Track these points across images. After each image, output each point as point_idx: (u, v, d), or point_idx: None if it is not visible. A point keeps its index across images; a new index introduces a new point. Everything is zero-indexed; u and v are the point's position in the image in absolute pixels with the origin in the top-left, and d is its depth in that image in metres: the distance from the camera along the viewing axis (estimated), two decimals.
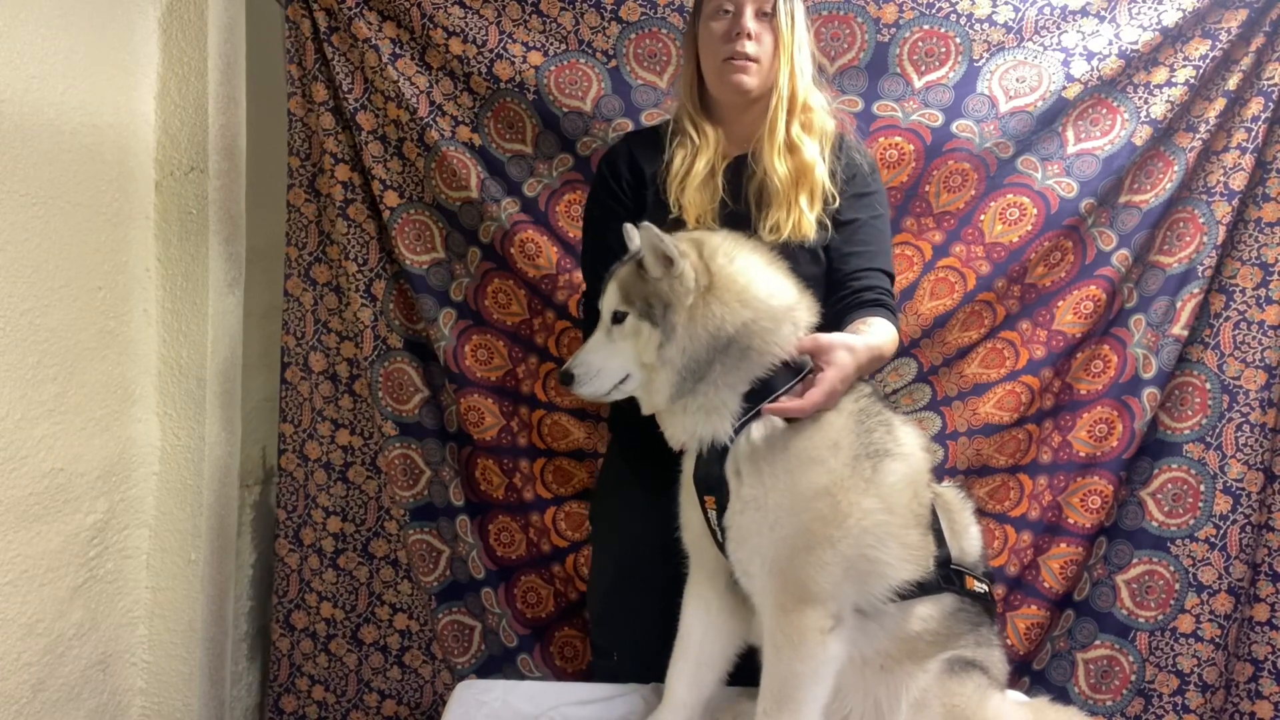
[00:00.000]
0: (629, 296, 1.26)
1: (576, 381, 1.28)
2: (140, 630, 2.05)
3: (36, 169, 1.64)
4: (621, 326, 1.27)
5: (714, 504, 1.24)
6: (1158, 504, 2.05)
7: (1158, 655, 2.04)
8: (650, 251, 1.23)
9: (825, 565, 1.16)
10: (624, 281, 1.28)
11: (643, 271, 1.26)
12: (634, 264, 1.28)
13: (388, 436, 2.15)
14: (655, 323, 1.23)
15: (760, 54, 1.61)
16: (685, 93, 1.71)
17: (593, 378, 1.27)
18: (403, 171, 2.11)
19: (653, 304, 1.24)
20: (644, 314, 1.24)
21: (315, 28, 2.05)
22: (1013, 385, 2.07)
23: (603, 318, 1.30)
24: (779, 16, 1.62)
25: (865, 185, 1.67)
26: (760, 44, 1.61)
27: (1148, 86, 1.99)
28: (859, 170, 1.67)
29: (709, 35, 1.64)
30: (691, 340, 1.21)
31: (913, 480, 1.27)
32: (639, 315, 1.25)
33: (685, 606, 1.34)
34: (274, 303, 2.21)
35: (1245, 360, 2.00)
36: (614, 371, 1.27)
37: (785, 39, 1.62)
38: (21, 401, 1.64)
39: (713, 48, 1.63)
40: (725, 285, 1.24)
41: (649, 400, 1.29)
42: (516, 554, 2.21)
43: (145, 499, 2.02)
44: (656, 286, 1.23)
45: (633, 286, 1.27)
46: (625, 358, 1.27)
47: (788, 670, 1.17)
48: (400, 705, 2.29)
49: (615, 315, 1.28)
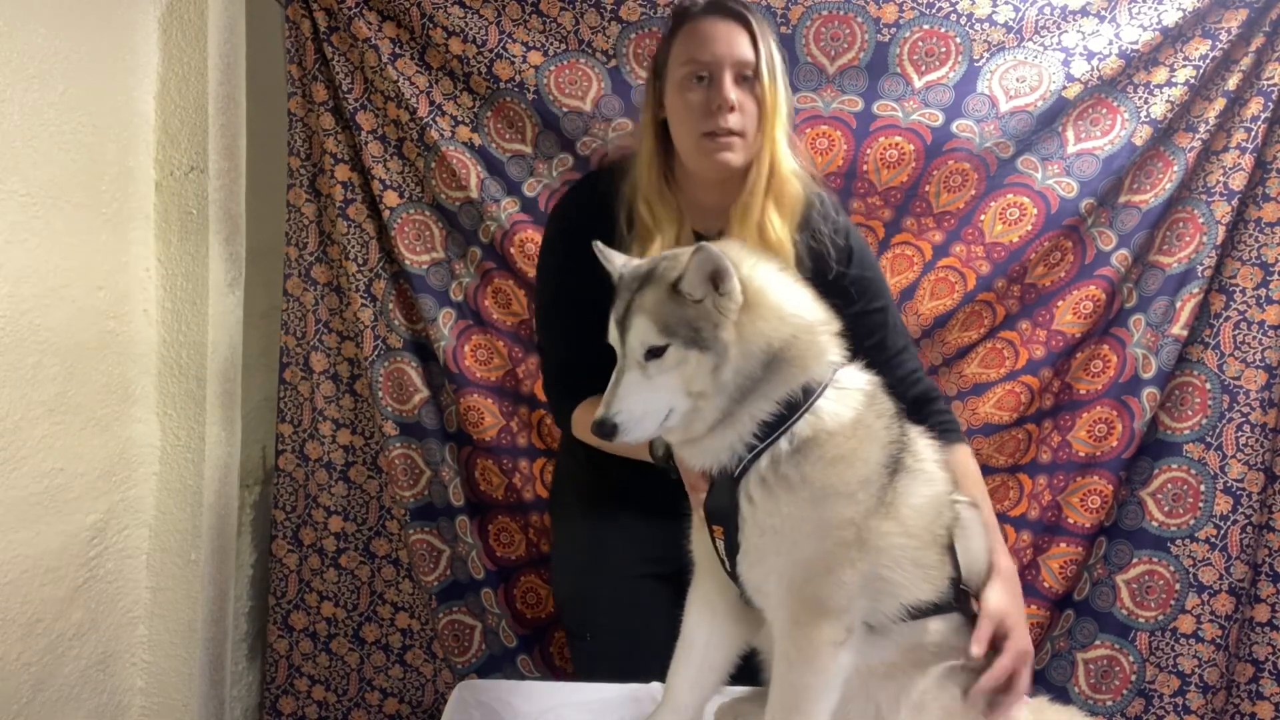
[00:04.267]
0: (668, 326, 1.14)
1: (621, 431, 1.13)
2: (140, 630, 2.05)
3: (36, 169, 1.65)
4: (660, 360, 1.14)
5: (722, 534, 1.19)
6: (1158, 504, 2.05)
7: (1158, 655, 2.04)
8: (700, 272, 1.13)
9: (844, 584, 1.15)
10: (658, 312, 1.15)
11: (681, 296, 1.15)
12: (667, 290, 1.16)
13: (388, 436, 2.15)
14: (705, 347, 1.13)
15: (745, 126, 1.46)
16: (644, 170, 1.53)
17: (638, 423, 1.14)
18: (402, 171, 2.11)
19: (700, 327, 1.13)
20: (691, 341, 1.13)
21: (315, 28, 2.05)
22: (1012, 385, 2.07)
23: (630, 357, 1.16)
24: (762, 78, 1.46)
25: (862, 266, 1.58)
26: (744, 113, 1.46)
27: (1148, 86, 1.99)
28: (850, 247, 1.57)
29: (683, 106, 1.47)
30: (746, 359, 1.13)
31: (935, 502, 1.25)
32: (684, 344, 1.13)
33: (689, 610, 1.33)
34: (274, 303, 2.21)
35: (1245, 360, 2.00)
36: (659, 411, 1.15)
37: (769, 106, 1.47)
38: (21, 401, 1.64)
39: (689, 122, 1.46)
40: (760, 298, 1.16)
41: (686, 431, 1.18)
42: (516, 554, 2.21)
43: (145, 499, 2.02)
44: (700, 308, 1.14)
45: (671, 314, 1.14)
46: (670, 391, 1.14)
47: (799, 682, 1.16)
48: (402, 704, 2.29)
49: (651, 351, 1.14)
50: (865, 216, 2.06)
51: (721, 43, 1.46)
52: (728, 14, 1.48)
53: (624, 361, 1.16)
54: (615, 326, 1.18)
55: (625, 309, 1.17)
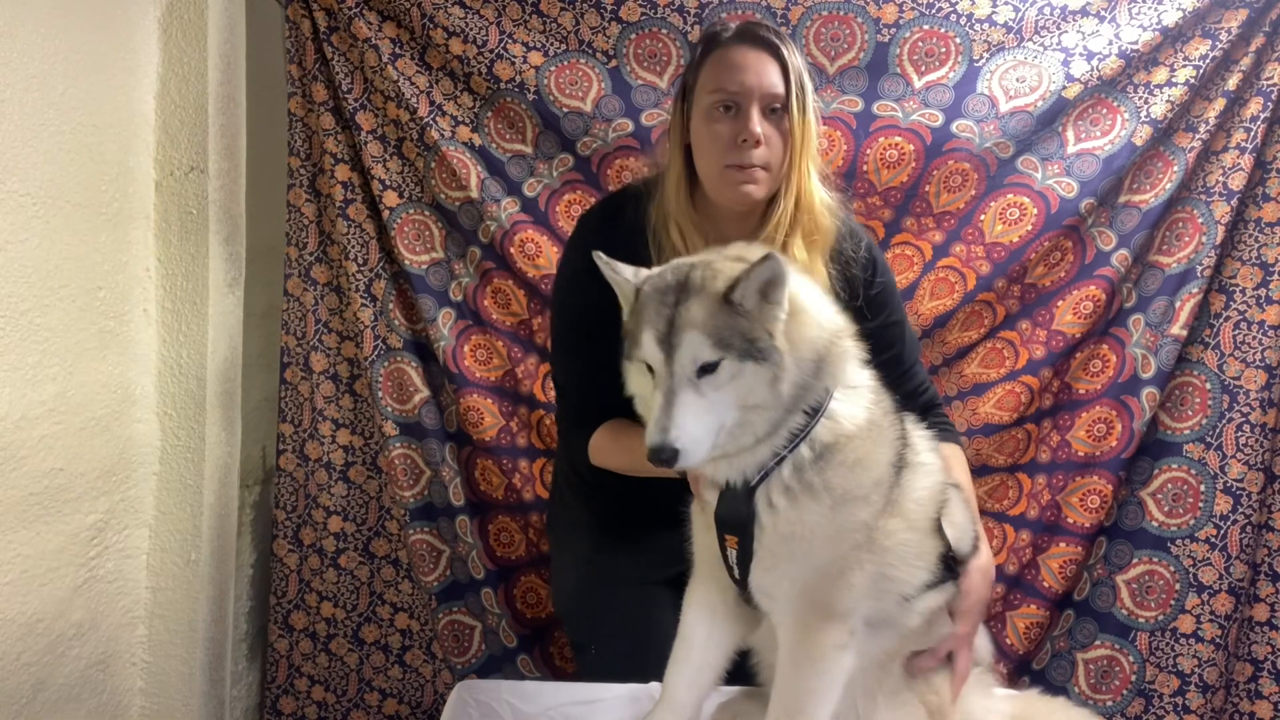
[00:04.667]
0: (723, 340, 1.08)
1: (682, 456, 1.06)
2: (140, 630, 2.05)
3: (36, 169, 1.65)
4: (714, 376, 1.08)
5: (735, 544, 1.17)
6: (1158, 504, 2.05)
7: (1158, 655, 2.04)
8: (759, 281, 1.09)
9: (852, 586, 1.16)
10: (710, 325, 1.09)
11: (734, 306, 1.09)
12: (717, 301, 1.10)
13: (388, 436, 2.15)
14: (762, 358, 1.08)
15: (770, 159, 1.43)
16: (673, 195, 1.50)
17: (697, 445, 1.07)
18: (402, 171, 2.11)
19: (756, 338, 1.09)
20: (746, 353, 1.08)
21: (315, 28, 2.05)
22: (1012, 385, 2.07)
23: (679, 375, 1.08)
24: (791, 112, 1.43)
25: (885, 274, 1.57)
26: (770, 146, 1.43)
27: (1148, 86, 1.99)
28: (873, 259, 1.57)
29: (710, 136, 1.44)
30: (800, 368, 1.11)
31: (933, 493, 1.26)
32: (739, 356, 1.08)
33: (688, 610, 1.33)
34: (274, 303, 2.21)
35: (1245, 360, 2.00)
36: (714, 429, 1.09)
37: (797, 143, 1.44)
38: (21, 401, 1.64)
39: (714, 152, 1.44)
40: (799, 305, 1.14)
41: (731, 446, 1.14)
42: (516, 554, 2.21)
43: (145, 499, 2.02)
44: (752, 319, 1.10)
45: (725, 326, 1.09)
46: (725, 408, 1.09)
47: (804, 686, 1.16)
48: (401, 704, 2.29)
49: (704, 367, 1.09)
50: (865, 216, 2.06)
51: (751, 73, 1.43)
52: (759, 43, 1.46)
53: (671, 381, 1.08)
54: (656, 344, 1.09)
55: (668, 325, 1.09)
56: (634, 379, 1.18)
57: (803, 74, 1.46)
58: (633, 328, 1.15)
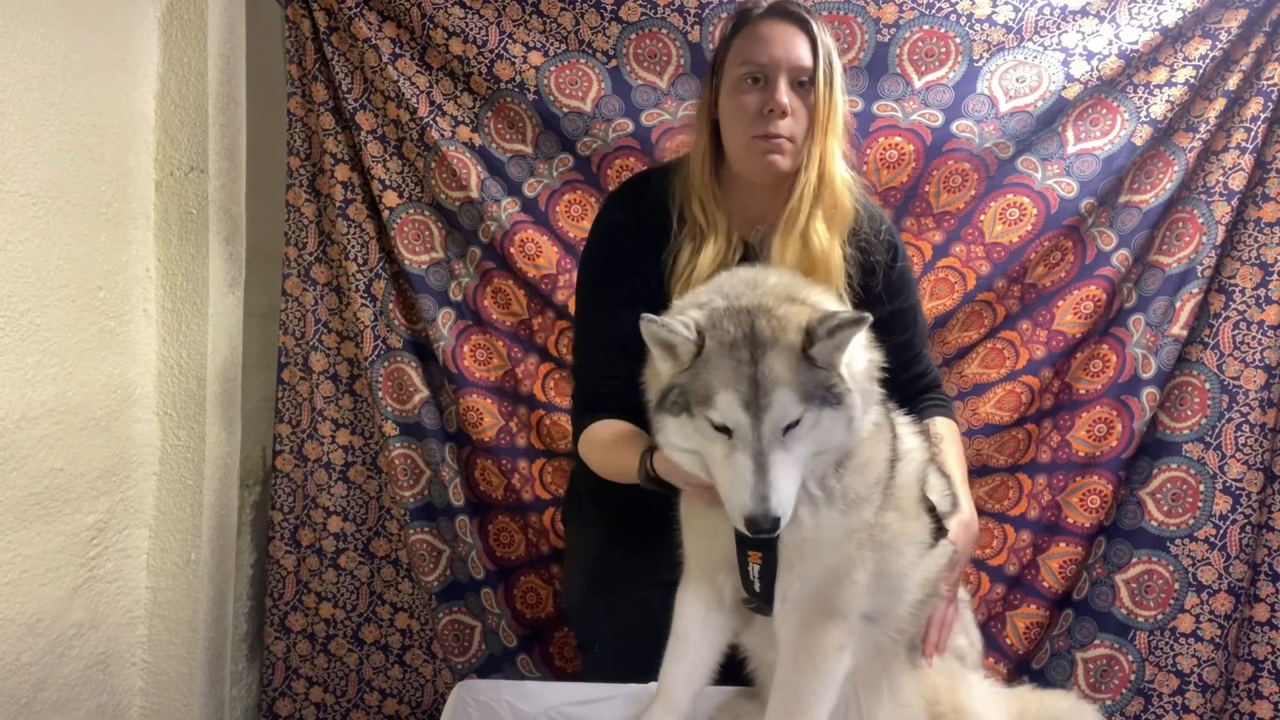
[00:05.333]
0: (807, 394, 1.07)
1: (781, 523, 1.04)
2: (140, 630, 2.05)
3: (36, 169, 1.65)
4: (796, 429, 1.07)
5: (758, 559, 1.15)
6: (1157, 504, 2.05)
7: (1157, 655, 2.05)
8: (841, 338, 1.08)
9: (855, 585, 1.17)
10: (796, 381, 1.06)
11: (811, 359, 1.08)
12: (798, 357, 1.08)
13: (388, 436, 2.15)
14: (837, 403, 1.08)
15: (795, 131, 1.43)
16: (697, 170, 1.50)
17: (790, 505, 1.05)
18: (402, 171, 2.11)
19: (832, 385, 1.08)
20: (824, 401, 1.07)
21: (315, 28, 2.05)
22: (1013, 385, 2.07)
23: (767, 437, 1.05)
24: (818, 86, 1.43)
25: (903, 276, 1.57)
26: (796, 119, 1.43)
27: (1148, 86, 1.99)
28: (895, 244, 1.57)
29: (736, 108, 1.44)
30: (863, 399, 1.12)
31: (917, 474, 1.29)
32: (819, 406, 1.07)
33: (682, 608, 1.33)
34: (274, 303, 2.21)
35: (1245, 360, 2.00)
36: (798, 482, 1.08)
37: (822, 117, 1.43)
38: (21, 401, 1.64)
39: (740, 123, 1.44)
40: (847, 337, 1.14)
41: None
42: (516, 554, 2.21)
43: (145, 499, 2.02)
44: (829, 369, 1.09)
45: (808, 380, 1.07)
46: (805, 458, 1.08)
47: (804, 686, 1.17)
48: (401, 704, 2.29)
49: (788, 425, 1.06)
50: None
51: (779, 45, 1.43)
52: (789, 18, 1.46)
53: (761, 444, 1.05)
54: (741, 408, 1.05)
55: (752, 386, 1.05)
56: (683, 433, 1.12)
57: (831, 51, 1.46)
58: (697, 386, 1.09)
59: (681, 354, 1.11)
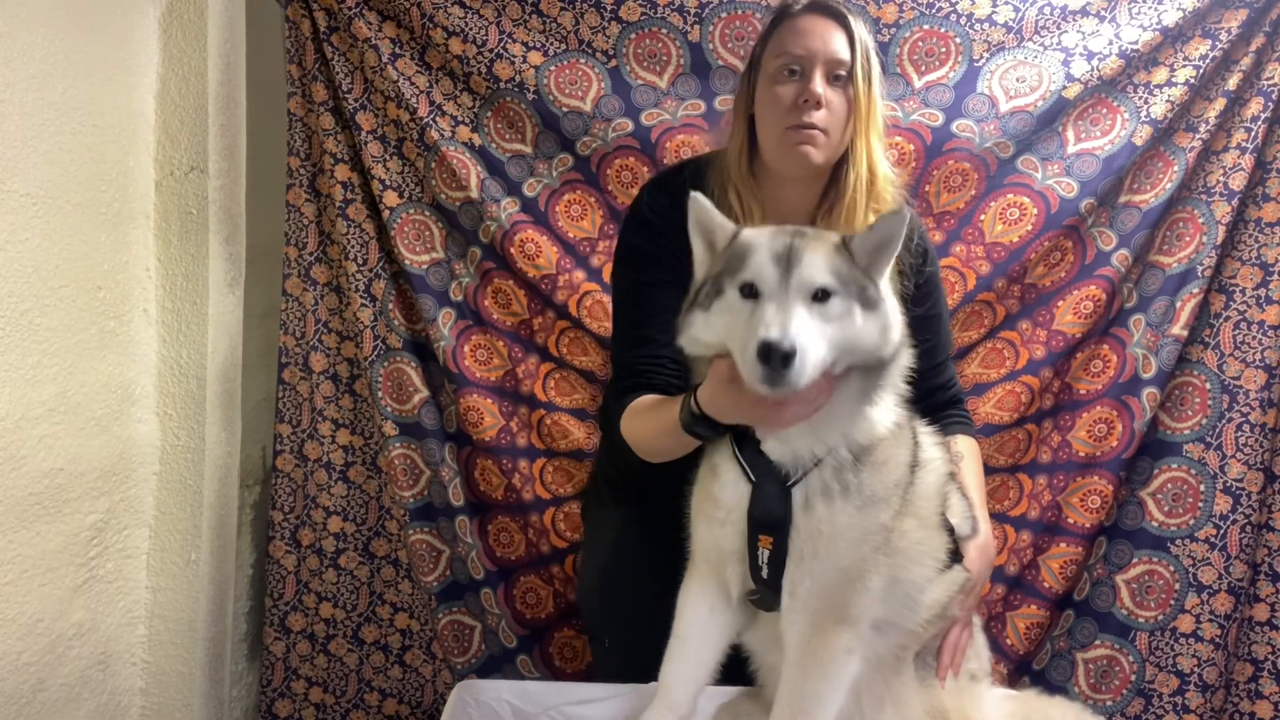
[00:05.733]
0: (839, 274, 1.06)
1: (798, 357, 0.98)
2: (140, 630, 2.05)
3: (36, 169, 1.65)
4: (826, 306, 1.05)
5: (770, 544, 1.16)
6: (1158, 504, 2.05)
7: (1158, 655, 2.04)
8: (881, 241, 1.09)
9: (869, 590, 1.17)
10: (829, 256, 1.07)
11: (849, 254, 1.09)
12: (833, 245, 1.10)
13: (388, 436, 2.15)
14: (871, 306, 1.07)
15: (830, 124, 1.43)
16: (734, 160, 1.51)
17: (812, 351, 1.01)
18: (402, 171, 2.11)
19: (866, 287, 1.07)
20: (857, 297, 1.07)
21: (315, 28, 2.05)
22: (1013, 385, 2.07)
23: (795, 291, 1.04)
24: (856, 81, 1.44)
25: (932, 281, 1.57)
26: (831, 111, 1.43)
27: (1148, 86, 1.99)
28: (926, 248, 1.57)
29: (772, 99, 1.45)
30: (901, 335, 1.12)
31: (939, 487, 1.28)
32: (851, 296, 1.06)
33: (685, 607, 1.33)
34: (274, 303, 2.21)
35: (1245, 360, 2.00)
36: (824, 353, 1.04)
37: (863, 112, 1.44)
38: (21, 401, 1.64)
39: (775, 114, 1.44)
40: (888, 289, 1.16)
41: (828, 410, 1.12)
42: (516, 554, 2.21)
43: (145, 499, 2.02)
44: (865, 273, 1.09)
45: (840, 266, 1.07)
46: (833, 343, 1.05)
47: (811, 689, 1.16)
48: (401, 704, 2.29)
49: (818, 293, 1.05)
50: None
51: (816, 38, 1.44)
52: (827, 13, 1.47)
53: (786, 295, 1.04)
54: (772, 261, 1.06)
55: (786, 247, 1.07)
56: (711, 324, 1.13)
57: (870, 49, 1.48)
58: (732, 259, 1.11)
59: (719, 240, 1.16)
